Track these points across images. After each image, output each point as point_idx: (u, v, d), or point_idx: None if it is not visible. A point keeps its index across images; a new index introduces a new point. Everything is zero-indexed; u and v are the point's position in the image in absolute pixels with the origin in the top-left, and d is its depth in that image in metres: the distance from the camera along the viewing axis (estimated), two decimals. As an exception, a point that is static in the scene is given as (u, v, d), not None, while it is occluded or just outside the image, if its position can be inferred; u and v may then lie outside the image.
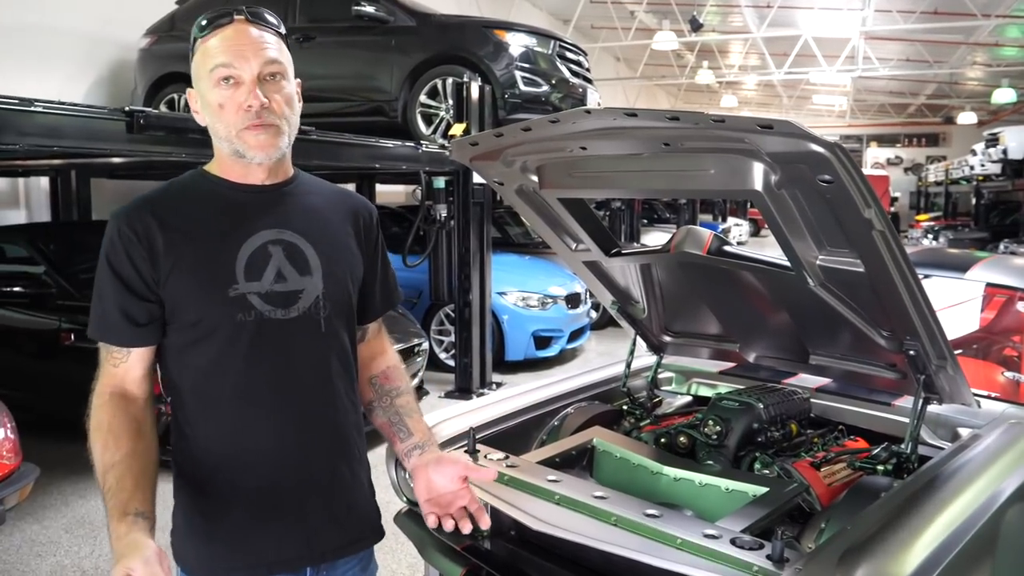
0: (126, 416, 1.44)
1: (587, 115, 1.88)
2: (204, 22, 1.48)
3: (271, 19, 1.52)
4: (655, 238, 12.64)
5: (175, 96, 7.84)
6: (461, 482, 1.66)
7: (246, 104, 1.43)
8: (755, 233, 26.11)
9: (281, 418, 1.51)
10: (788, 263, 2.16)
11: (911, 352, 2.19)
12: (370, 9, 6.81)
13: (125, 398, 1.47)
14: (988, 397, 2.77)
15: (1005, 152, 14.39)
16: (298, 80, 1.56)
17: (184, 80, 7.65)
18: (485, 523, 1.68)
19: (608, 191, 3.28)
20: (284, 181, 1.58)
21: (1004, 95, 20.68)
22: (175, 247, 1.44)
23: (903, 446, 2.30)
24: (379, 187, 10.92)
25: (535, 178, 2.35)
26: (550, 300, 7.68)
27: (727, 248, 2.39)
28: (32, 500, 4.10)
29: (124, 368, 1.48)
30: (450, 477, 1.65)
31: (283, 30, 1.53)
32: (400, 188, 11.73)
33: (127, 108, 3.55)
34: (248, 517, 1.51)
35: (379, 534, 1.75)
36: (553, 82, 6.83)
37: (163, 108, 7.80)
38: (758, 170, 1.85)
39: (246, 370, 1.47)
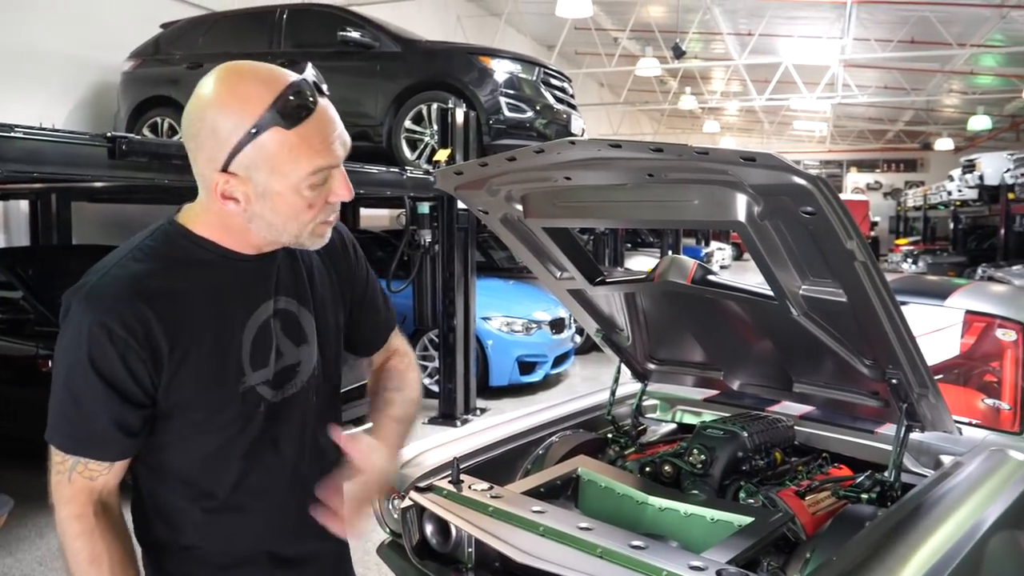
0: (119, 538, 1.28)
1: (572, 146, 1.89)
2: (293, 111, 1.19)
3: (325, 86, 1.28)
4: (639, 262, 12.72)
5: (158, 120, 7.82)
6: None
7: (338, 198, 1.28)
8: (738, 257, 26.29)
9: (277, 504, 1.39)
10: (771, 292, 2.17)
11: (893, 381, 2.21)
12: (355, 35, 6.84)
13: (108, 513, 1.28)
14: (969, 424, 2.79)
15: (981, 178, 14.61)
16: None
17: (168, 104, 7.68)
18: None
19: (592, 220, 3.29)
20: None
21: (980, 122, 21.04)
22: (179, 343, 1.25)
23: (886, 474, 2.31)
24: (363, 211, 10.92)
25: (519, 207, 2.35)
26: (534, 325, 7.68)
27: (711, 277, 2.40)
28: (6, 532, 4.03)
29: (103, 480, 1.26)
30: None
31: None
32: (384, 212, 11.73)
33: (109, 134, 3.53)
34: None
35: None
36: (538, 108, 6.87)
37: (146, 132, 7.78)
38: (741, 201, 1.87)
39: (245, 458, 1.34)
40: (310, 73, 1.23)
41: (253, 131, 1.17)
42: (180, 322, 1.25)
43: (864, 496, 2.31)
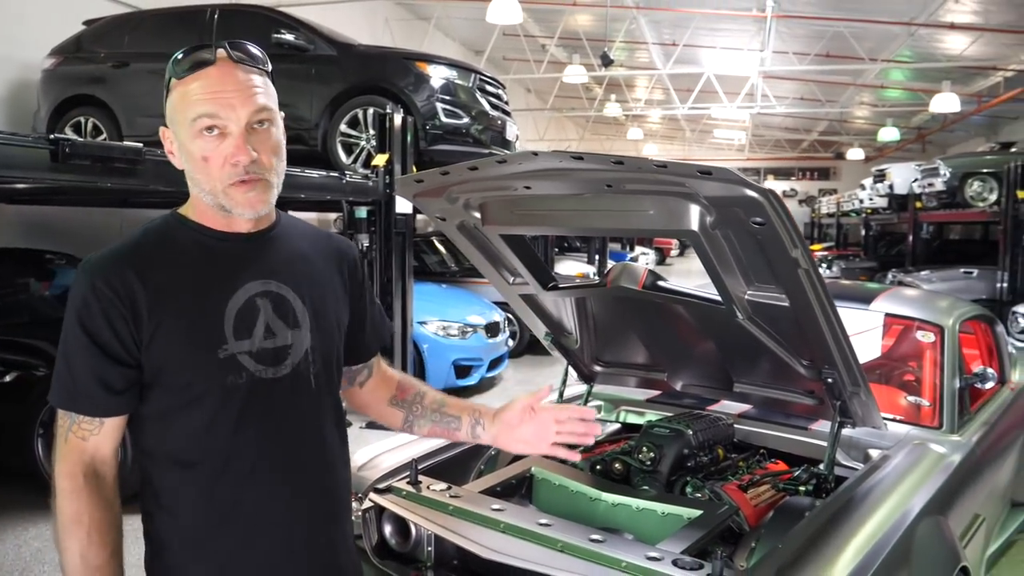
0: (105, 505, 1.34)
1: (535, 157, 1.96)
2: (183, 61, 1.34)
3: (257, 53, 1.40)
4: (568, 267, 12.89)
5: (81, 120, 7.58)
6: (531, 415, 1.73)
7: (234, 159, 1.33)
8: (660, 261, 26.89)
9: (273, 484, 1.40)
10: (719, 297, 2.29)
11: (829, 380, 2.35)
12: (289, 37, 6.78)
13: (99, 480, 1.34)
14: (893, 420, 2.98)
15: (891, 187, 15.29)
16: (282, 113, 1.46)
17: (91, 103, 7.46)
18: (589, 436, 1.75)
19: (550, 229, 3.38)
20: (269, 227, 1.48)
21: (889, 133, 22.03)
22: (159, 306, 1.32)
23: (822, 468, 2.46)
24: (292, 215, 10.75)
25: (478, 215, 2.41)
26: (470, 329, 7.74)
27: (661, 283, 2.51)
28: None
29: (95, 442, 1.34)
30: (523, 421, 1.72)
31: (269, 65, 1.42)
32: (313, 215, 11.59)
33: (51, 136, 3.43)
34: None
35: None
36: (473, 114, 6.94)
37: (68, 131, 7.53)
38: (695, 212, 1.98)
39: (235, 435, 1.36)
40: (230, 44, 1.37)
41: (168, 82, 1.36)
42: (163, 287, 1.34)
43: (802, 488, 2.45)
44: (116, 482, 1.38)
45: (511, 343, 8.93)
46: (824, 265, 18.61)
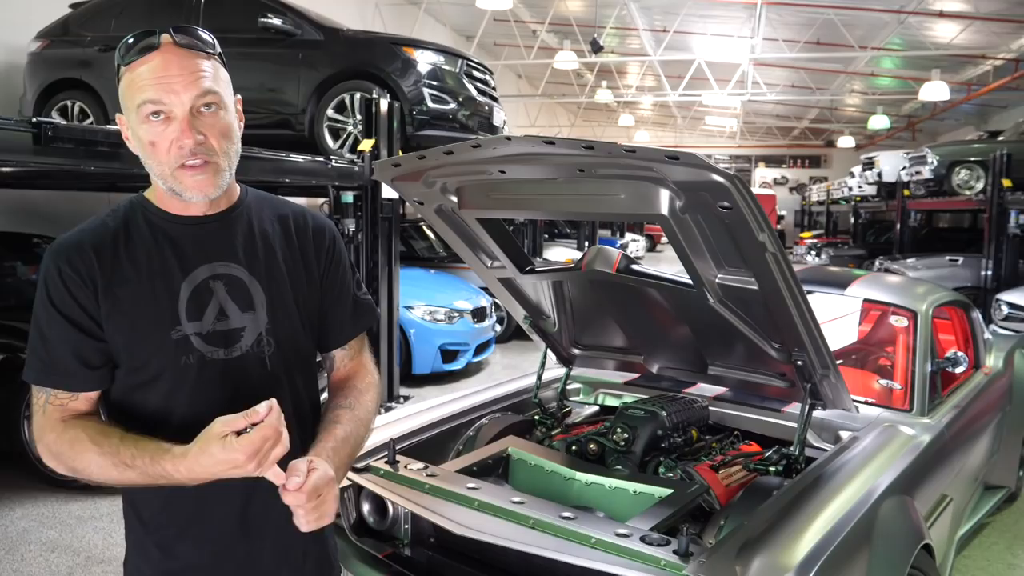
0: (93, 422, 1.37)
1: (508, 142, 2.00)
2: (128, 47, 1.34)
3: (204, 37, 1.39)
4: (557, 253, 12.92)
5: (68, 103, 7.56)
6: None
7: (178, 143, 1.34)
8: (651, 248, 26.94)
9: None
10: (690, 281, 2.33)
11: (799, 362, 2.40)
12: (276, 21, 6.76)
13: (78, 418, 1.38)
14: (865, 403, 3.03)
15: (880, 175, 15.38)
16: (238, 96, 1.47)
17: (77, 87, 7.44)
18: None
19: (525, 212, 3.42)
20: (228, 208, 1.48)
21: (879, 121, 22.07)
22: (113, 288, 1.37)
23: (792, 449, 2.52)
24: (267, 194, 10.72)
25: (455, 199, 2.45)
26: (457, 314, 7.77)
27: (634, 267, 2.55)
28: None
29: (73, 405, 1.38)
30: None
31: (217, 48, 1.41)
32: (302, 200, 11.60)
33: (34, 119, 3.44)
34: (204, 564, 1.45)
35: (338, 571, 1.69)
36: (460, 100, 6.93)
37: (55, 115, 7.50)
38: (664, 196, 2.01)
39: (191, 415, 1.36)
40: (174, 28, 1.36)
41: (118, 69, 1.37)
42: (119, 265, 1.38)
43: (772, 469, 2.51)
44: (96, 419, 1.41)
45: (498, 328, 8.97)
46: (813, 253, 18.71)
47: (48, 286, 1.37)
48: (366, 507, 2.48)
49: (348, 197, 6.29)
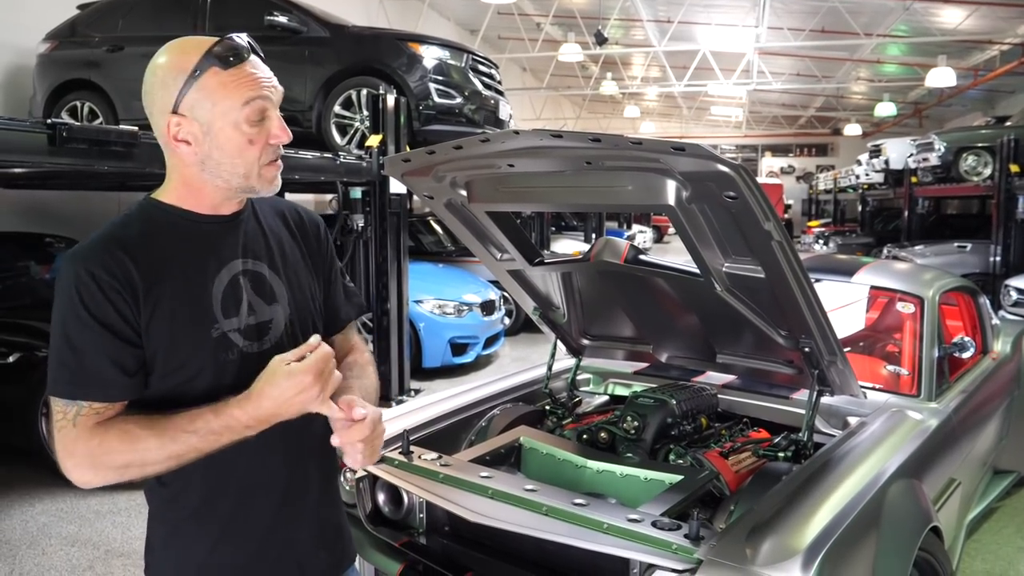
0: (132, 412, 1.35)
1: (516, 135, 2.03)
2: (225, 52, 1.37)
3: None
4: (564, 245, 12.95)
5: (77, 104, 7.63)
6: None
7: (277, 139, 1.41)
8: (658, 239, 26.89)
9: (265, 453, 1.45)
10: (697, 270, 2.36)
11: (806, 349, 2.43)
12: (283, 19, 6.80)
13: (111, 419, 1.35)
14: (873, 388, 3.06)
15: (887, 163, 15.31)
16: None
17: (87, 87, 7.49)
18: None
19: (533, 205, 3.45)
20: (241, 208, 1.52)
21: (885, 108, 21.96)
22: (155, 288, 1.36)
23: (800, 435, 2.55)
24: (288, 196, 10.80)
25: (464, 192, 2.49)
26: (466, 307, 7.81)
27: (642, 257, 2.58)
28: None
29: (106, 414, 1.34)
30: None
31: None
32: (310, 197, 11.63)
33: (49, 120, 3.49)
34: (238, 550, 1.48)
35: (354, 555, 1.75)
36: (466, 94, 6.97)
37: (65, 116, 7.57)
38: (671, 187, 2.04)
39: None
40: (244, 36, 1.41)
41: (196, 72, 1.35)
42: (154, 268, 1.37)
43: (781, 455, 2.54)
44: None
45: (507, 321, 9.01)
46: (821, 241, 18.68)
47: (81, 293, 1.31)
48: (381, 497, 2.53)
49: (357, 193, 6.34)
